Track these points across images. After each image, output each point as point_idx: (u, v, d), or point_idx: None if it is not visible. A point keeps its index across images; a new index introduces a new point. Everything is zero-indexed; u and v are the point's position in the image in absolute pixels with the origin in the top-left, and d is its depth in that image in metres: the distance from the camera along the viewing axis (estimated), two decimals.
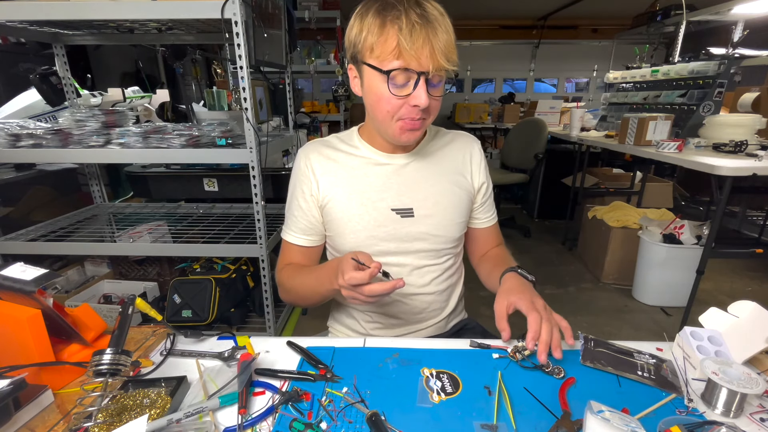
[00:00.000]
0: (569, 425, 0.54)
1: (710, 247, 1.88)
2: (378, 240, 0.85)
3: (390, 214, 0.84)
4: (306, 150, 0.89)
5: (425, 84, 0.70)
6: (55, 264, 2.14)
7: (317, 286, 0.78)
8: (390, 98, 0.72)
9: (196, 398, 0.59)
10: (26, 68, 2.14)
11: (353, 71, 0.78)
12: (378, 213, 0.84)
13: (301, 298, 0.86)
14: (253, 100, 1.47)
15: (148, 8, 1.34)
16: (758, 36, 3.01)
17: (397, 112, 0.74)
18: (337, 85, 3.87)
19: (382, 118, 0.76)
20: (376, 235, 0.84)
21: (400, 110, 0.73)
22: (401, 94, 0.71)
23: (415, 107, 0.72)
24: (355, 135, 0.89)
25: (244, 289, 2.00)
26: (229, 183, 2.10)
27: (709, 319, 0.70)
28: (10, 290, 0.60)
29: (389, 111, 0.74)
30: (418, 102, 0.70)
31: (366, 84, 0.76)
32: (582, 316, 2.39)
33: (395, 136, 0.77)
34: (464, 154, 0.91)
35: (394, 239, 0.85)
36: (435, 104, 0.75)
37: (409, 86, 0.70)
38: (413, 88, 0.70)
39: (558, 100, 4.34)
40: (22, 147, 1.52)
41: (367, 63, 0.72)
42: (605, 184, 3.48)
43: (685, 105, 2.62)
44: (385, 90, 0.71)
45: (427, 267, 0.89)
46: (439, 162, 0.89)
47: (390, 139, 0.80)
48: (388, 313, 0.90)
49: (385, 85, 0.71)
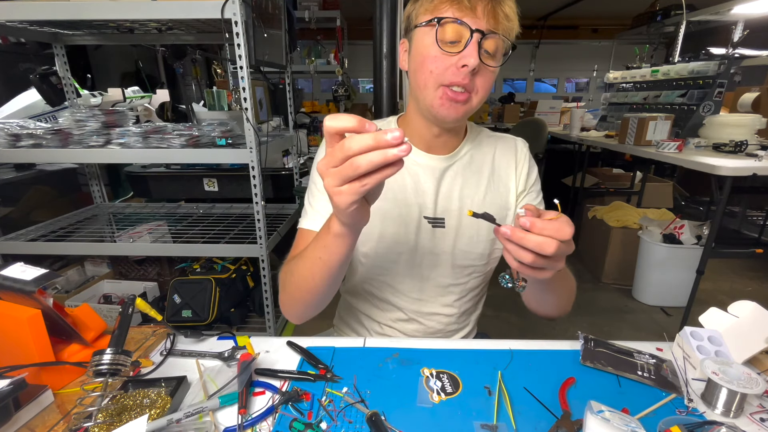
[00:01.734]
0: (569, 425, 0.54)
1: (710, 247, 1.88)
2: (404, 247, 0.78)
3: (422, 222, 0.78)
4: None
5: (478, 45, 0.62)
6: (55, 264, 2.14)
7: (315, 246, 0.61)
8: (436, 55, 0.65)
9: (196, 398, 0.59)
10: (26, 68, 2.14)
11: (405, 45, 0.72)
12: (410, 219, 0.77)
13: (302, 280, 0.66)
14: (253, 100, 1.47)
15: (148, 8, 1.34)
16: (758, 36, 3.01)
17: (442, 74, 0.65)
18: (337, 85, 3.86)
19: (424, 81, 0.67)
20: (404, 242, 0.78)
21: (445, 73, 0.65)
22: (450, 51, 0.64)
23: (464, 68, 0.63)
24: (393, 125, 0.81)
25: (244, 289, 2.00)
26: (229, 183, 2.11)
27: (709, 319, 0.70)
28: (10, 290, 0.60)
29: (433, 72, 0.65)
30: (467, 62, 0.62)
31: (413, 49, 0.69)
32: (582, 316, 2.39)
33: (434, 106, 0.68)
34: (508, 161, 0.82)
35: (421, 250, 0.79)
36: (486, 78, 0.67)
37: (460, 44, 0.63)
38: (464, 47, 0.62)
39: (558, 100, 4.35)
40: (22, 147, 1.51)
41: (419, 24, 0.66)
42: (605, 184, 3.48)
43: (685, 105, 2.63)
44: (432, 45, 0.64)
45: (451, 286, 0.83)
46: (480, 169, 0.80)
47: (428, 111, 0.70)
48: (401, 330, 0.86)
49: (434, 39, 0.64)
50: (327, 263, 0.61)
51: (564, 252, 0.50)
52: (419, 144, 0.78)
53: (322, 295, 0.68)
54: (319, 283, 0.65)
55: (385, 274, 0.82)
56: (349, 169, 0.43)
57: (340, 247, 0.58)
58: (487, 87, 0.68)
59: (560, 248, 0.48)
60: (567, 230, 0.49)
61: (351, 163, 0.43)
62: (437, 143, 0.77)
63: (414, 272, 0.81)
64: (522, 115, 4.81)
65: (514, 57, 0.69)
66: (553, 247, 0.47)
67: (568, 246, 0.50)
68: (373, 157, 0.42)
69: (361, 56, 6.19)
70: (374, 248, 0.79)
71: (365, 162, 0.42)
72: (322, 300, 0.70)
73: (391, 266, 0.81)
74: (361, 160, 0.42)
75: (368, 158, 0.42)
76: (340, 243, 0.57)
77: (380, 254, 0.80)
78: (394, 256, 0.79)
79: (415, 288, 0.83)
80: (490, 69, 0.66)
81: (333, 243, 0.58)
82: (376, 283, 0.84)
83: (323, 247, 0.60)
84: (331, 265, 0.61)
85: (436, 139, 0.77)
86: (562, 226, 0.48)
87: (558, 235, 0.48)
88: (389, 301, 0.85)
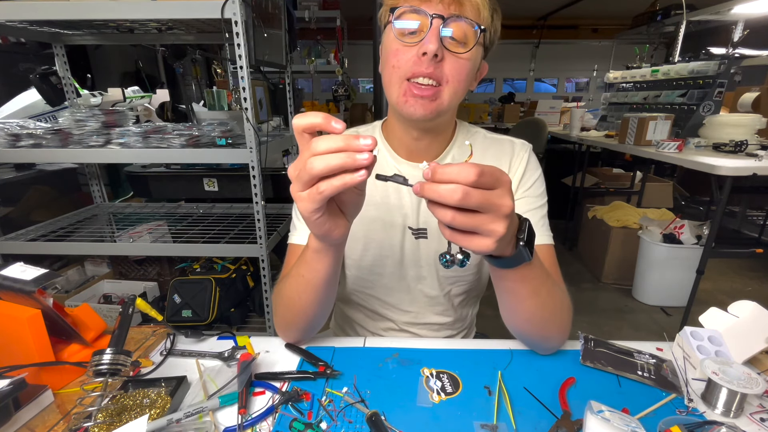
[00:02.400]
0: (569, 425, 0.54)
1: (710, 247, 1.88)
2: (390, 260, 0.76)
3: (406, 233, 0.74)
4: None
5: (438, 30, 0.57)
6: (55, 264, 2.14)
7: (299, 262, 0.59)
8: (398, 48, 0.60)
9: (196, 398, 0.59)
10: (26, 68, 2.14)
11: (381, 48, 0.67)
12: (395, 230, 0.74)
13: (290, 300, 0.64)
14: (253, 100, 1.46)
15: (148, 8, 1.34)
16: (758, 36, 3.01)
17: (404, 67, 0.60)
18: (337, 85, 3.87)
19: (388, 78, 0.63)
20: (389, 254, 0.75)
21: (407, 65, 0.60)
22: (410, 41, 0.59)
23: (424, 57, 0.58)
24: (377, 133, 0.78)
25: (244, 289, 2.00)
26: (229, 183, 2.10)
27: (709, 319, 0.70)
28: (10, 290, 0.60)
29: (395, 66, 0.61)
30: (426, 48, 0.57)
31: (381, 51, 0.65)
32: (582, 315, 2.39)
33: (399, 104, 0.63)
34: (501, 164, 0.75)
35: (406, 262, 0.76)
36: (456, 66, 0.60)
37: (423, 33, 0.59)
38: (425, 35, 0.58)
39: (558, 100, 4.35)
40: (22, 147, 1.51)
41: (385, 23, 0.62)
42: (605, 183, 3.48)
43: (685, 105, 2.63)
44: (394, 40, 0.60)
45: (440, 297, 0.80)
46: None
47: (398, 110, 0.65)
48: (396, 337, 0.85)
49: (395, 33, 0.60)
50: (311, 282, 0.59)
51: (483, 203, 0.40)
52: (400, 150, 0.74)
53: (313, 316, 0.65)
54: (306, 304, 0.62)
55: (371, 287, 0.80)
56: (305, 172, 0.40)
57: (320, 263, 0.56)
58: (459, 77, 0.61)
59: (471, 196, 0.39)
60: (469, 171, 0.39)
61: (308, 163, 0.40)
62: (419, 148, 0.72)
63: (402, 285, 0.79)
64: (522, 115, 4.82)
65: (514, 57, 0.68)
66: (458, 194, 0.39)
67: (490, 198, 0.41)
68: (330, 160, 0.39)
69: (361, 56, 6.18)
70: (359, 260, 0.77)
71: (321, 164, 0.39)
72: (314, 322, 0.68)
73: (378, 279, 0.79)
74: (316, 162, 0.39)
75: (325, 160, 0.39)
76: (320, 259, 0.55)
77: (365, 267, 0.78)
78: (380, 268, 0.77)
79: (404, 300, 0.81)
80: (460, 56, 0.60)
81: (313, 258, 0.56)
82: (364, 296, 0.83)
83: (305, 263, 0.58)
84: (315, 283, 0.59)
85: (417, 143, 0.72)
86: (462, 167, 0.40)
87: (460, 177, 0.39)
88: (379, 313, 0.84)
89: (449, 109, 0.66)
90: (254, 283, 2.04)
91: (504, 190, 0.42)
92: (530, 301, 0.59)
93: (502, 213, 0.42)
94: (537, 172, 0.77)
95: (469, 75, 0.63)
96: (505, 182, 0.42)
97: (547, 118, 3.79)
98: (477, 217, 0.41)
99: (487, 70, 0.71)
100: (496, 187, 0.41)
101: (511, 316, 0.63)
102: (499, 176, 0.42)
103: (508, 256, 0.49)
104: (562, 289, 0.65)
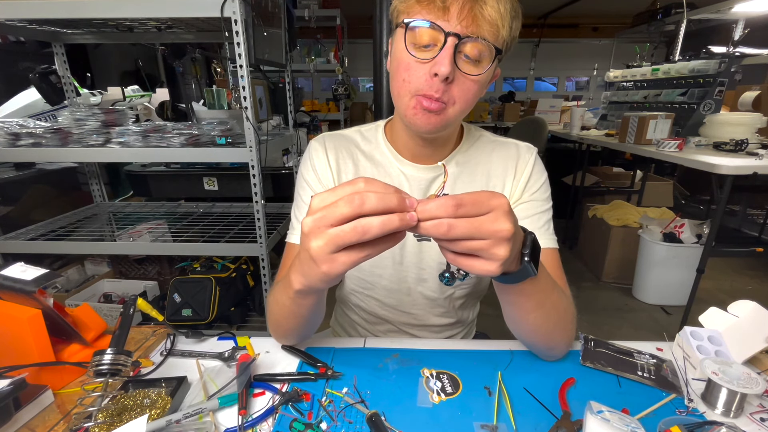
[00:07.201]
0: (569, 425, 0.54)
1: (710, 246, 1.88)
2: (389, 261, 0.76)
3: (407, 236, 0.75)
4: (320, 145, 0.75)
5: (453, 49, 0.55)
6: (55, 263, 2.14)
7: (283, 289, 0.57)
8: (409, 62, 0.58)
9: (196, 399, 0.59)
10: (26, 67, 2.14)
11: (391, 44, 0.65)
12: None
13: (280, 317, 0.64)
14: (253, 98, 1.46)
15: (147, 7, 1.33)
16: (759, 34, 3.00)
17: (414, 84, 0.59)
18: (337, 83, 3.86)
19: (397, 89, 0.62)
20: (389, 256, 0.75)
21: (418, 81, 0.58)
22: (421, 57, 0.57)
23: (435, 78, 0.56)
24: (380, 133, 0.76)
25: (244, 288, 2.00)
26: (229, 182, 2.10)
27: (709, 319, 0.70)
28: (10, 290, 0.60)
29: (405, 80, 0.59)
30: (438, 69, 0.55)
31: (392, 51, 0.62)
32: (582, 315, 2.39)
33: (407, 116, 0.62)
34: (506, 168, 0.75)
35: (407, 264, 0.76)
36: (464, 88, 0.59)
37: (436, 48, 0.56)
38: (438, 52, 0.56)
39: (558, 98, 4.35)
40: (21, 146, 1.51)
41: (398, 23, 0.60)
42: (605, 182, 3.48)
43: (686, 104, 2.62)
44: (404, 51, 0.58)
45: (440, 299, 0.80)
46: (472, 179, 0.74)
47: (405, 121, 0.65)
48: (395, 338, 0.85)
49: (407, 44, 0.57)
50: (295, 313, 0.58)
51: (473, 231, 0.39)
52: (405, 153, 0.74)
53: (304, 329, 0.65)
54: (294, 326, 0.63)
55: (370, 289, 0.80)
56: (353, 234, 0.36)
57: (306, 300, 0.54)
58: (466, 98, 0.60)
59: (456, 227, 0.38)
60: (447, 205, 0.38)
61: (359, 225, 0.36)
62: (423, 153, 0.73)
63: (401, 287, 0.79)
64: (522, 114, 4.81)
65: (514, 56, 0.67)
66: (443, 227, 0.38)
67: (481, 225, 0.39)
68: (391, 222, 0.35)
69: (361, 55, 6.18)
70: (359, 274, 0.77)
71: (378, 224, 0.35)
72: (305, 334, 0.68)
73: (377, 281, 0.78)
74: (373, 222, 0.35)
75: (384, 222, 0.35)
76: (306, 298, 0.53)
77: (365, 267, 0.77)
78: (380, 270, 0.77)
79: (403, 302, 0.81)
80: (470, 78, 0.58)
81: (296, 297, 0.53)
82: (363, 297, 0.82)
83: (288, 298, 0.54)
84: (300, 313, 0.58)
85: (422, 149, 0.72)
86: (440, 203, 0.38)
87: (439, 213, 0.38)
88: (378, 315, 0.84)
89: (456, 122, 0.66)
90: (254, 282, 2.04)
91: (498, 213, 0.40)
92: (535, 313, 0.58)
93: (501, 237, 0.40)
94: (543, 176, 0.76)
95: (479, 93, 0.63)
96: (497, 205, 0.40)
97: (548, 117, 3.78)
98: (476, 243, 0.40)
99: (500, 74, 0.69)
100: (487, 212, 0.40)
101: (515, 326, 0.64)
102: (487, 200, 0.40)
103: (513, 272, 0.48)
104: (567, 296, 0.64)
